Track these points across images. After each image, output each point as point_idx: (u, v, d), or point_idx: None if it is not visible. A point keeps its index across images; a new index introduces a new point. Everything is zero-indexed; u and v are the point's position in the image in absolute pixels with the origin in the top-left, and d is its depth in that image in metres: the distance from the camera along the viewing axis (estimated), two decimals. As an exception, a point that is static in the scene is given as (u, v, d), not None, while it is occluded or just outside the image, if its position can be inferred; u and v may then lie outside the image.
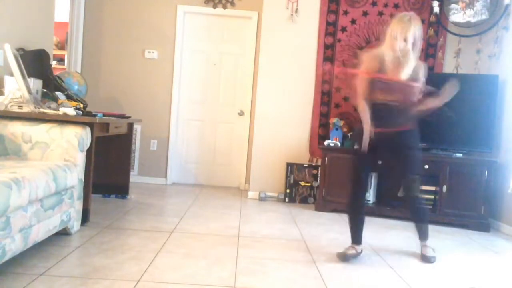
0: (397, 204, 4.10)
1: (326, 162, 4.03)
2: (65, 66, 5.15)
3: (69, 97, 3.34)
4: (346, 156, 4.01)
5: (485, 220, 3.65)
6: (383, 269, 2.46)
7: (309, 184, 4.37)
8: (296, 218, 3.64)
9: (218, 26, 4.98)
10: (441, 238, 3.33)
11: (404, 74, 2.48)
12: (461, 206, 3.70)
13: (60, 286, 1.87)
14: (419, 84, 2.55)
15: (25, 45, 3.46)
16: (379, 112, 2.52)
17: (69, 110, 2.77)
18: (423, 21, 4.43)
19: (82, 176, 2.71)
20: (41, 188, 2.07)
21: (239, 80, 5.01)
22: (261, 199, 4.42)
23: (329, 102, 4.48)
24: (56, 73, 3.67)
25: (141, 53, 4.95)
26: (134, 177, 4.83)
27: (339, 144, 4.13)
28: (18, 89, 2.79)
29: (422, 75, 2.57)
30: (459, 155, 3.81)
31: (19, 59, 2.83)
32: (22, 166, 2.16)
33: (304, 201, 4.37)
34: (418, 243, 2.77)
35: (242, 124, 5.00)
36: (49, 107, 2.89)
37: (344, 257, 2.53)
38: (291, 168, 4.36)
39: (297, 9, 4.43)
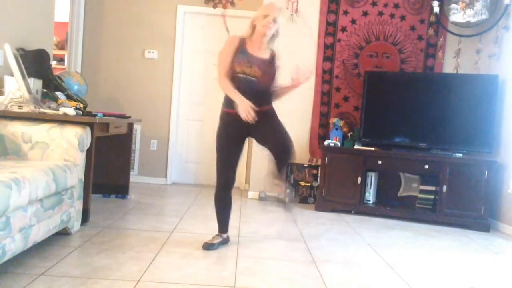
0: (397, 204, 4.10)
1: (326, 162, 4.03)
2: (65, 66, 5.15)
3: (69, 97, 3.34)
4: (346, 156, 4.01)
5: (485, 220, 3.65)
6: (383, 269, 2.46)
7: (309, 184, 4.37)
8: (296, 218, 3.64)
9: (218, 26, 4.97)
10: (441, 238, 3.34)
11: (263, 55, 2.52)
12: (461, 206, 3.70)
13: (60, 286, 1.87)
14: (276, 69, 2.57)
15: (25, 45, 3.45)
16: (240, 87, 2.46)
17: (69, 110, 2.77)
18: (423, 21, 4.46)
19: (82, 176, 2.71)
20: (41, 188, 2.07)
21: (239, 80, 5.00)
22: (261, 199, 4.42)
23: (329, 102, 4.48)
24: (56, 73, 3.67)
25: (141, 53, 4.95)
26: (134, 177, 4.82)
27: (339, 144, 4.13)
28: (18, 89, 2.79)
29: (278, 64, 2.59)
30: (459, 155, 3.81)
31: (19, 59, 2.83)
32: (22, 166, 2.16)
33: (304, 201, 4.37)
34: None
35: (242, 124, 4.99)
36: (49, 107, 2.89)
37: (210, 246, 2.56)
38: (291, 168, 4.36)
39: (297, 9, 4.43)
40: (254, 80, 2.47)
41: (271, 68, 2.55)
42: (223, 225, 2.71)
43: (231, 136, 2.56)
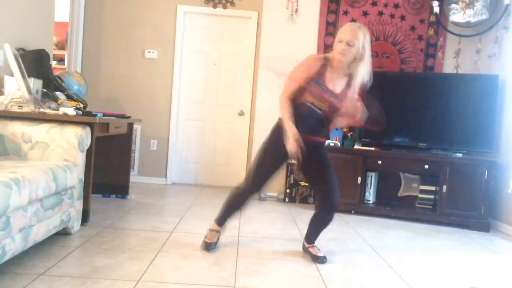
0: (397, 204, 4.10)
1: (326, 162, 4.02)
2: (65, 66, 5.15)
3: (69, 97, 3.34)
4: (346, 156, 4.01)
5: (485, 220, 3.65)
6: (383, 269, 2.46)
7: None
8: (296, 218, 3.64)
9: (218, 26, 4.98)
10: (441, 238, 3.34)
11: (338, 86, 2.41)
12: (461, 206, 3.71)
13: (60, 286, 1.87)
14: (352, 95, 2.43)
15: (25, 45, 3.46)
16: (301, 113, 2.40)
17: (69, 110, 2.77)
18: (423, 21, 4.47)
19: (82, 176, 2.71)
20: (41, 188, 2.07)
21: (239, 80, 5.01)
22: (261, 199, 4.42)
23: (329, 102, 4.47)
24: (56, 73, 3.67)
25: (141, 53, 4.95)
26: (134, 177, 4.83)
27: (339, 144, 4.13)
28: (18, 89, 2.79)
29: (358, 85, 2.42)
30: (459, 155, 3.81)
31: (19, 59, 2.82)
32: (22, 166, 2.16)
33: (304, 201, 4.37)
34: (306, 245, 2.64)
35: (242, 124, 5.00)
36: (49, 107, 2.89)
37: (209, 246, 2.55)
38: (291, 168, 4.36)
39: (297, 9, 4.43)
40: (319, 111, 2.40)
41: (341, 102, 2.41)
42: (224, 219, 2.64)
43: (278, 149, 2.44)
